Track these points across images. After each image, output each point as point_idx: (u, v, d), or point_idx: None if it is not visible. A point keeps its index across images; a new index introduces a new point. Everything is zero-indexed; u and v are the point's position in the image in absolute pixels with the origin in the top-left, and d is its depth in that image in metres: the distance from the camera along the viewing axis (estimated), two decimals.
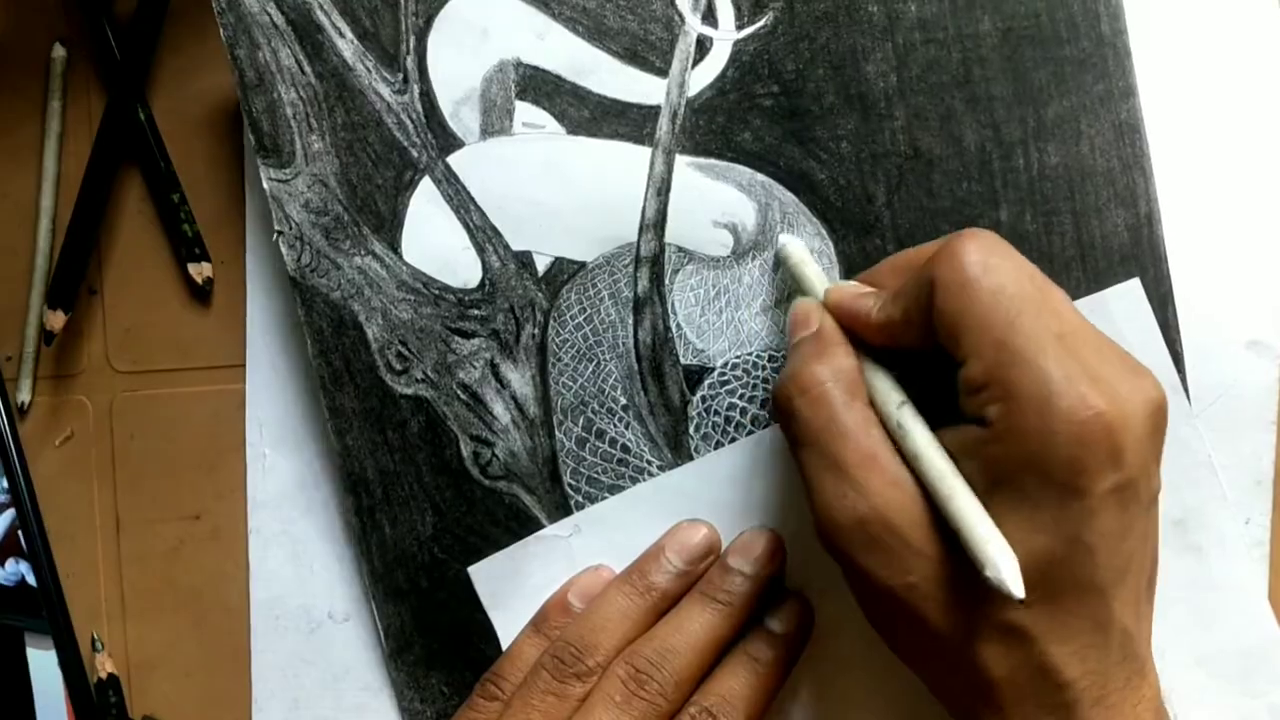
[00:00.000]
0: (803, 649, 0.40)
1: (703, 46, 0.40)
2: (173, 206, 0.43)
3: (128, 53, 0.43)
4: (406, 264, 0.41)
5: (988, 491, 0.30)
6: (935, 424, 0.32)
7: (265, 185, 0.40)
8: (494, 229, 0.41)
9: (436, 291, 0.41)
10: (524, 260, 0.41)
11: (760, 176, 0.40)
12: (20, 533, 0.43)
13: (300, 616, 0.43)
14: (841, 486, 0.32)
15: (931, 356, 0.33)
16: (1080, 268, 0.39)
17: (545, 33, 0.40)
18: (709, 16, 0.40)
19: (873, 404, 0.33)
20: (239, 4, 0.40)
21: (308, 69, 0.40)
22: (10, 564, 0.44)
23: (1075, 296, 0.39)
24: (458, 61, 0.40)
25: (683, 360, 0.40)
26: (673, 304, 0.40)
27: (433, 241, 0.41)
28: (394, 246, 0.41)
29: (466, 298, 0.41)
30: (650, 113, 0.40)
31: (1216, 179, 0.39)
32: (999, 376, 0.30)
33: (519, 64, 0.40)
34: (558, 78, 0.40)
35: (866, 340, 0.35)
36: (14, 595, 0.44)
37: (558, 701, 0.36)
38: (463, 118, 0.40)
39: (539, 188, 0.40)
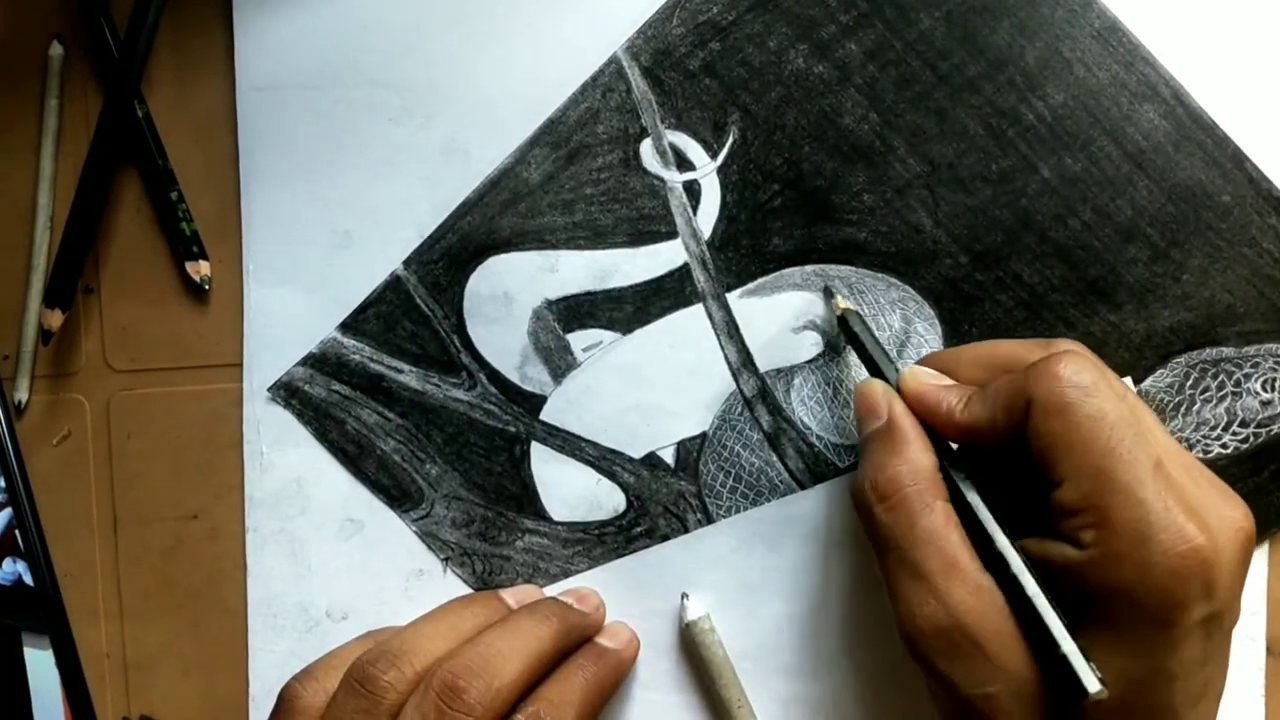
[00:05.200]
0: (629, 667, 0.39)
1: (693, 190, 0.40)
2: (170, 205, 0.42)
3: (125, 50, 0.42)
4: (560, 523, 0.41)
5: (1075, 611, 0.30)
6: (1012, 527, 0.32)
7: (413, 528, 0.42)
8: (611, 451, 0.41)
9: (596, 532, 0.41)
10: (653, 462, 0.41)
11: (809, 267, 0.40)
12: (17, 532, 0.43)
13: (298, 615, 0.43)
14: (923, 594, 0.31)
15: (1005, 455, 0.32)
16: (1143, 175, 0.38)
17: (555, 264, 0.41)
18: (683, 163, 0.40)
19: (952, 501, 0.33)
20: (309, 397, 0.42)
21: (391, 415, 0.42)
22: (8, 563, 0.43)
23: (1150, 203, 0.38)
24: (499, 334, 0.41)
25: (841, 464, 0.40)
26: (801, 421, 0.40)
27: (568, 492, 0.41)
28: (542, 515, 0.41)
29: (624, 522, 0.41)
30: (682, 273, 0.40)
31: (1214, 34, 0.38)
32: (1097, 504, 0.30)
33: (549, 304, 0.41)
34: (588, 294, 0.41)
35: (945, 436, 0.34)
36: (11, 595, 0.43)
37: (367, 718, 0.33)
38: (532, 376, 0.41)
39: (628, 393, 0.41)
